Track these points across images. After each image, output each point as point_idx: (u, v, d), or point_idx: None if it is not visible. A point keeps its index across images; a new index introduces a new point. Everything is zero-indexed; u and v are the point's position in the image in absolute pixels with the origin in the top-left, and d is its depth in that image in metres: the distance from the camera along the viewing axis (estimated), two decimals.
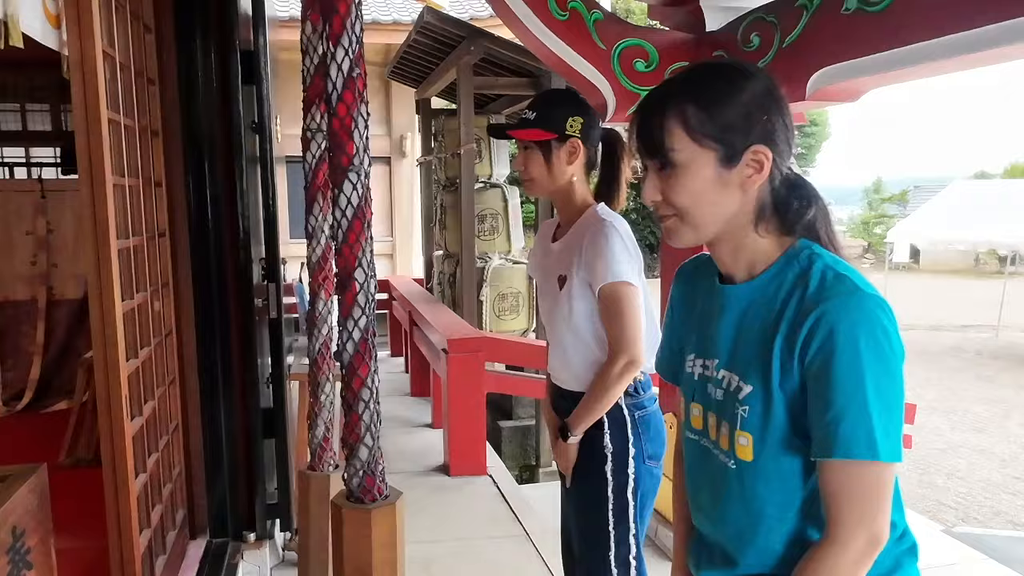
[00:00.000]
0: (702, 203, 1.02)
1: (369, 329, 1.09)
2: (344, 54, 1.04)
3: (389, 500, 1.15)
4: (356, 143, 1.06)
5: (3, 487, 1.29)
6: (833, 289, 0.97)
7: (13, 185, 4.43)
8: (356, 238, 1.07)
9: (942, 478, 6.77)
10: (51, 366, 3.95)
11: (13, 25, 1.38)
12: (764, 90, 1.02)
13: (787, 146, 1.03)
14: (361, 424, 1.11)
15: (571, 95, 1.97)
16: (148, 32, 2.40)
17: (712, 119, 1.00)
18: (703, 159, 1.01)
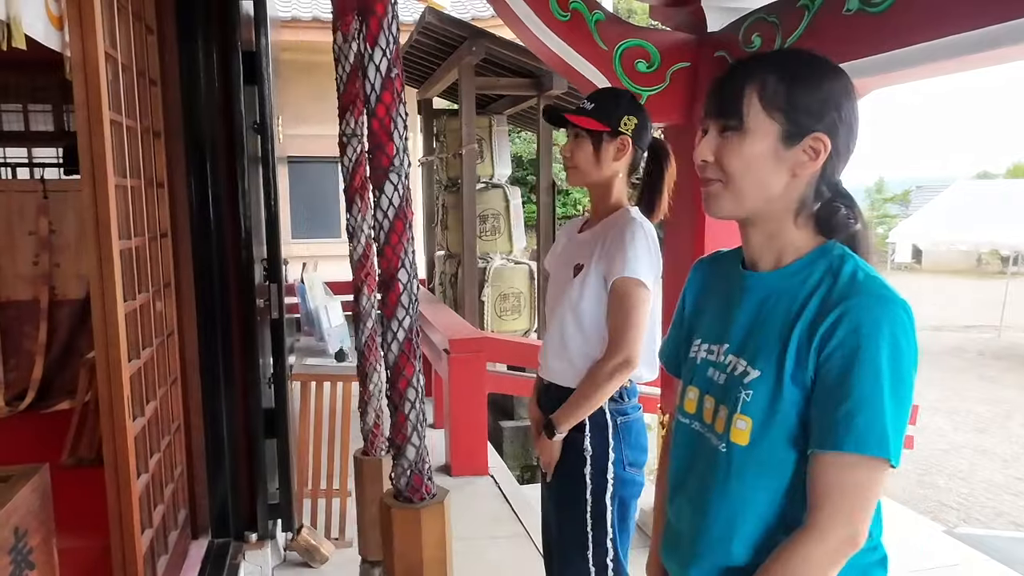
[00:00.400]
0: (752, 173, 1.03)
1: (413, 329, 1.09)
2: (382, 55, 1.03)
3: (437, 499, 1.16)
4: (396, 143, 1.06)
5: (6, 487, 1.29)
6: (863, 288, 0.98)
7: (16, 185, 4.43)
8: (398, 239, 1.07)
9: (944, 479, 6.76)
10: (53, 366, 3.95)
11: (16, 26, 1.38)
12: (844, 87, 1.04)
13: (846, 148, 1.05)
14: (408, 424, 1.11)
15: (629, 95, 1.99)
16: (150, 33, 2.41)
17: (788, 94, 1.01)
18: (766, 129, 1.02)
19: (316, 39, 8.19)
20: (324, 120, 9.38)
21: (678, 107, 2.98)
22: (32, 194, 3.97)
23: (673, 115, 2.99)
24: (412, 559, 1.12)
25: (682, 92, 2.98)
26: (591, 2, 2.90)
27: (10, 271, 3.95)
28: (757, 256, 1.10)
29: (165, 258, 2.51)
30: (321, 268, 5.19)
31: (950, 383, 10.14)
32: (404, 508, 1.12)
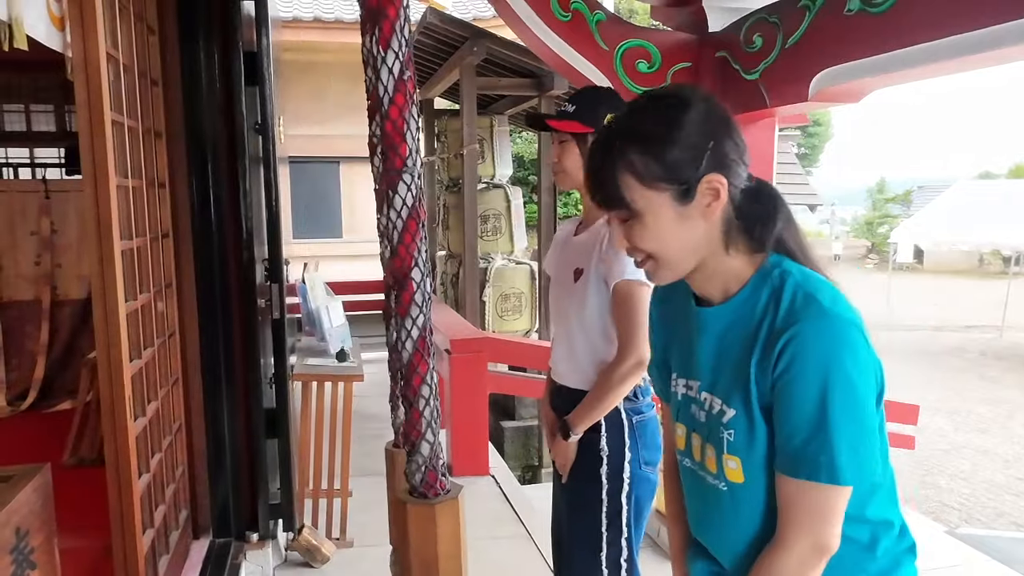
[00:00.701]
0: (669, 243, 1.03)
1: (427, 327, 1.10)
2: (395, 57, 1.04)
3: (451, 495, 1.17)
4: (409, 144, 1.07)
5: (7, 487, 1.29)
6: (803, 312, 0.97)
7: (18, 185, 4.44)
8: (412, 238, 1.08)
9: (945, 479, 6.76)
10: (55, 366, 3.96)
11: (17, 27, 1.38)
12: (705, 116, 1.01)
13: (741, 163, 1.03)
14: (422, 421, 1.12)
15: (610, 92, 1.98)
16: (151, 33, 2.41)
17: (659, 162, 1.00)
18: (659, 201, 1.01)
19: (317, 39, 8.20)
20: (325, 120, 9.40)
21: None
22: (34, 194, 3.98)
23: None
24: (427, 554, 1.13)
25: None
26: (592, 2, 2.90)
27: (12, 271, 3.96)
28: (705, 293, 1.10)
29: (166, 258, 2.52)
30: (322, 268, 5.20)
31: (951, 383, 10.14)
32: (419, 504, 1.14)
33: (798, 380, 0.95)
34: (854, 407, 0.94)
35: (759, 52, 2.69)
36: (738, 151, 1.03)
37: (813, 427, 0.94)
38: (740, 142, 1.04)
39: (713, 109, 1.03)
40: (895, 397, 6.90)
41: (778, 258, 1.05)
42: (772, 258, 1.05)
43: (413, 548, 1.14)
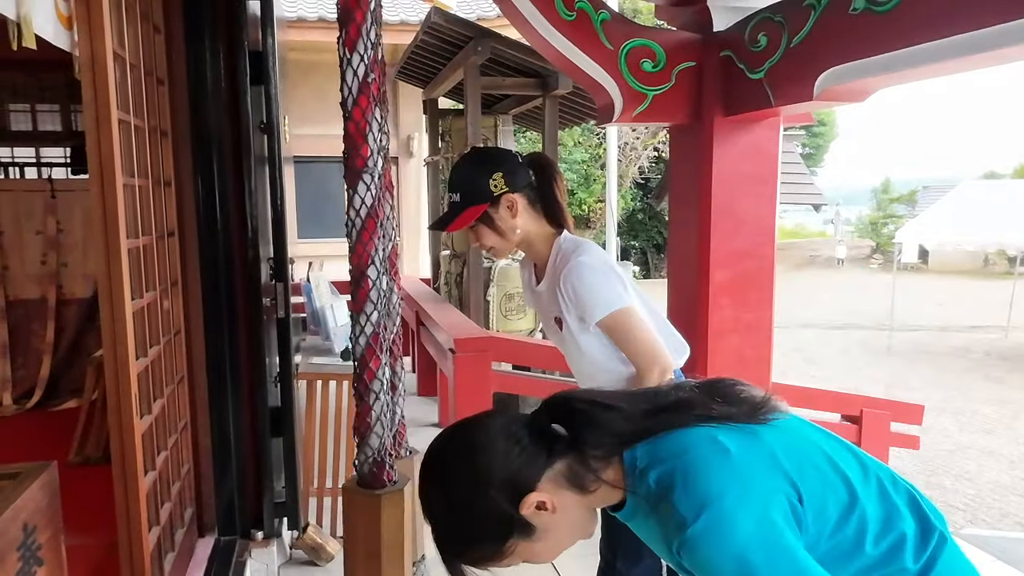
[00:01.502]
0: (553, 551, 1.06)
1: (381, 323, 1.13)
2: (360, 60, 1.06)
3: (398, 486, 1.19)
4: (371, 146, 1.09)
5: (14, 484, 1.30)
6: (673, 524, 0.96)
7: (24, 185, 4.46)
8: (370, 237, 1.11)
9: (950, 479, 6.74)
10: (61, 365, 3.97)
11: (26, 26, 1.39)
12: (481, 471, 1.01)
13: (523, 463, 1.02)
14: (372, 414, 1.15)
15: (480, 155, 1.96)
16: (158, 32, 2.42)
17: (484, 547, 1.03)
18: (513, 555, 1.04)
19: (322, 39, 8.20)
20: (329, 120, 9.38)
21: (684, 107, 2.98)
22: (40, 193, 4.00)
23: (679, 115, 2.99)
24: (372, 543, 1.15)
25: (688, 91, 2.98)
26: (597, 1, 2.90)
27: (18, 270, 3.97)
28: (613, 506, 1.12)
29: (172, 257, 2.53)
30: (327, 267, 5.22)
31: (956, 384, 10.12)
32: (364, 495, 1.16)
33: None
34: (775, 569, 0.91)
35: (764, 51, 2.68)
36: (514, 447, 1.03)
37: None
38: (509, 433, 1.04)
39: (475, 448, 1.04)
40: (900, 397, 6.88)
41: (630, 455, 1.04)
42: (626, 459, 1.04)
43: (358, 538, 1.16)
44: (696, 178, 3.00)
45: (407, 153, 9.39)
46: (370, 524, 1.16)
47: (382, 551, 1.15)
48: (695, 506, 0.94)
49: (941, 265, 24.01)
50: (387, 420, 1.17)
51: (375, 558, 1.15)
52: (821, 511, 0.98)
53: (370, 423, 1.15)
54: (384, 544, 1.16)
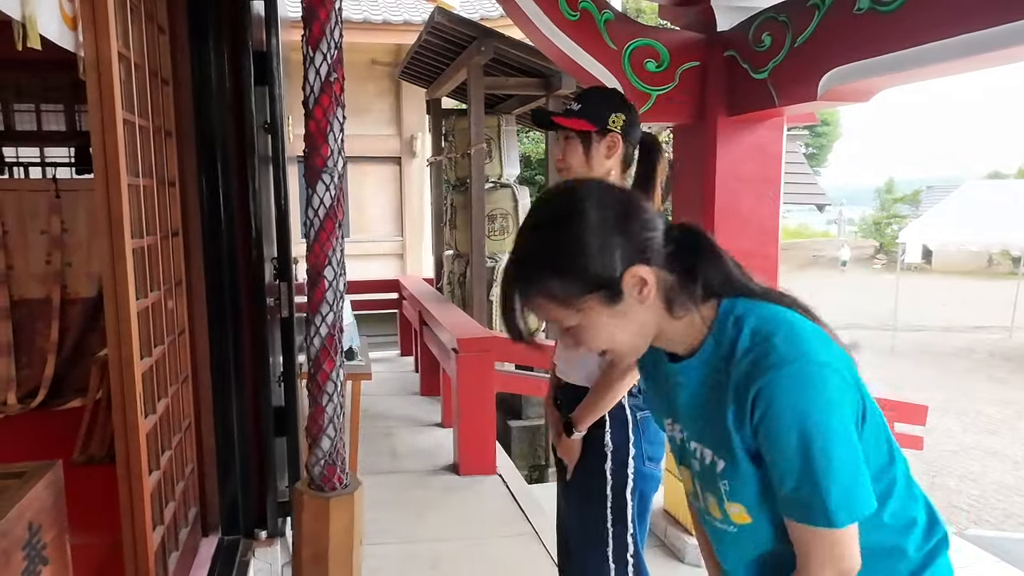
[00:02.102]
0: (616, 338, 1.03)
1: (336, 325, 1.12)
2: (322, 58, 1.06)
3: (348, 490, 1.19)
4: (331, 145, 1.09)
5: (19, 483, 1.30)
6: (763, 363, 0.96)
7: (28, 184, 4.46)
8: (327, 237, 1.11)
9: (954, 480, 6.73)
10: (65, 364, 3.98)
11: (31, 27, 1.39)
12: (602, 215, 0.99)
13: (654, 236, 1.01)
14: (324, 416, 1.15)
15: (616, 93, 2.00)
16: (162, 33, 2.42)
17: (575, 281, 0.98)
18: (590, 311, 1.00)
19: None
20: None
21: (687, 106, 2.99)
22: (44, 193, 4.00)
23: (682, 115, 3.00)
24: (319, 546, 1.16)
25: (691, 91, 2.98)
26: (600, 1, 2.90)
27: (23, 270, 3.98)
28: (672, 351, 1.10)
29: (176, 257, 2.53)
30: None
31: (960, 384, 10.10)
32: (314, 496, 1.16)
33: (774, 433, 0.95)
34: (834, 446, 0.93)
35: (768, 51, 2.69)
36: (647, 225, 1.01)
37: (799, 476, 0.94)
38: (644, 214, 1.02)
39: (606, 201, 1.00)
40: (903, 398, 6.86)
41: (730, 303, 1.03)
42: (724, 305, 1.04)
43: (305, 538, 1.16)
44: (699, 178, 3.00)
45: (410, 153, 9.40)
46: (319, 527, 1.16)
47: (329, 554, 1.15)
48: (798, 350, 0.95)
49: (945, 265, 23.96)
50: (339, 422, 1.17)
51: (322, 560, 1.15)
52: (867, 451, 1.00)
53: (322, 425, 1.16)
54: (331, 547, 1.16)
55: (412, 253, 9.63)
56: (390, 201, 9.54)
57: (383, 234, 9.54)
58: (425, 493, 3.91)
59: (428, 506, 3.73)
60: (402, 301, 6.92)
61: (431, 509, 3.70)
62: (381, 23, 8.05)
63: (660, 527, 3.58)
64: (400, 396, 5.86)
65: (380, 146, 9.14)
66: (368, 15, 8.04)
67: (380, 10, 8.27)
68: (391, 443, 4.69)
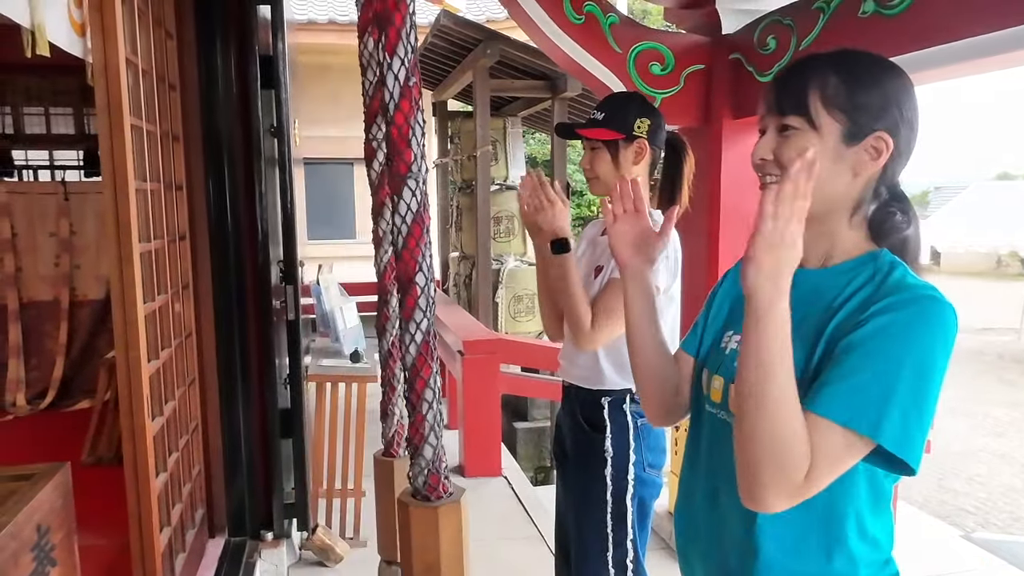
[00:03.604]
0: (808, 165, 1.00)
1: (430, 331, 1.12)
2: (400, 64, 1.06)
3: (453, 498, 1.18)
4: (414, 150, 1.08)
5: (28, 485, 1.31)
6: (910, 287, 0.97)
7: (37, 187, 4.49)
8: (416, 243, 1.10)
9: (962, 483, 6.70)
10: (73, 366, 4.00)
11: (40, 34, 1.41)
12: (905, 87, 1.03)
13: (908, 148, 1.04)
14: (426, 424, 1.13)
15: (640, 98, 1.99)
16: (170, 38, 2.44)
17: (850, 93, 1.01)
18: (828, 128, 1.01)
19: (332, 42, 8.24)
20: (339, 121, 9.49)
21: (692, 109, 2.99)
22: (53, 196, 4.03)
23: (687, 117, 2.99)
24: (430, 557, 1.14)
25: (696, 94, 2.98)
26: (605, 5, 2.91)
27: (32, 272, 4.01)
28: (805, 253, 1.02)
29: (183, 260, 2.55)
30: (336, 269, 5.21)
31: (968, 386, 10.04)
32: (421, 507, 1.15)
33: (887, 337, 0.93)
34: (928, 385, 0.92)
35: (773, 54, 2.69)
36: (912, 135, 1.04)
37: (879, 382, 0.91)
38: (916, 131, 1.05)
39: (912, 90, 1.04)
40: None
41: (888, 254, 1.05)
42: (886, 252, 1.05)
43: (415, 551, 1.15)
44: (705, 180, 3.00)
45: None
46: (428, 538, 1.15)
47: (441, 564, 1.15)
48: (947, 303, 0.96)
49: (953, 267, 23.81)
50: (440, 430, 1.16)
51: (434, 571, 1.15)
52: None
53: (424, 434, 1.14)
54: (443, 558, 1.15)
55: None
56: None
57: None
58: None
59: None
60: None
61: None
62: None
63: (665, 530, 3.58)
64: None
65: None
66: None
67: None
68: None
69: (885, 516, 1.05)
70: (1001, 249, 18.81)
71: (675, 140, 1.97)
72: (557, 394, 2.14)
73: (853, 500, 1.01)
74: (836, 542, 1.02)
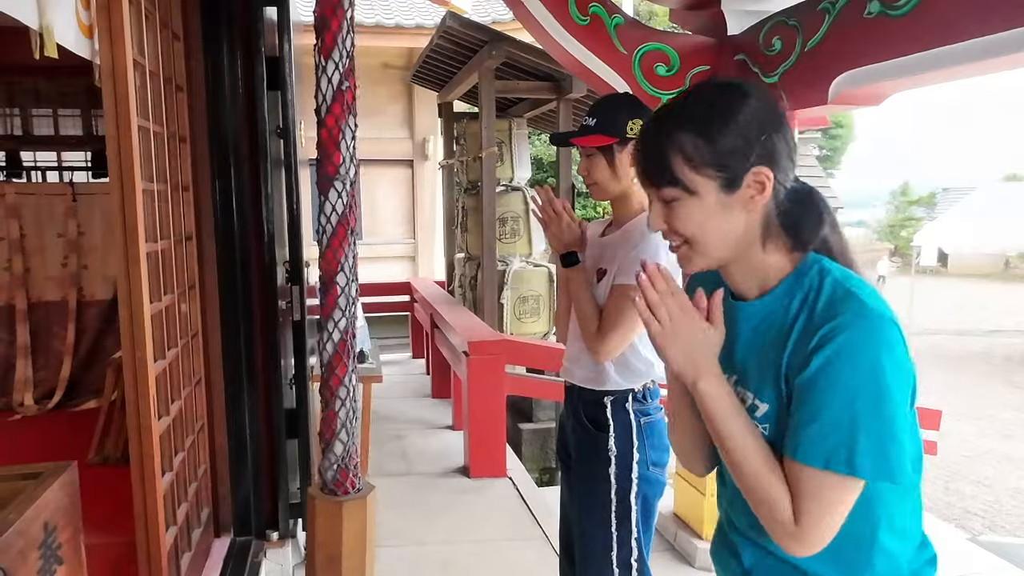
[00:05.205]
0: (708, 230, 1.03)
1: (348, 331, 1.14)
2: (334, 67, 1.08)
3: (361, 494, 1.20)
4: (343, 153, 1.11)
5: (35, 484, 1.32)
6: (842, 306, 0.96)
7: (46, 188, 4.51)
8: (340, 243, 1.12)
9: (969, 485, 6.66)
10: (81, 366, 4.02)
11: (48, 36, 1.42)
12: (761, 109, 1.01)
13: (789, 162, 1.03)
14: (337, 420, 1.16)
15: (629, 98, 1.98)
16: (176, 40, 2.45)
17: (710, 147, 1.00)
18: (705, 188, 1.01)
19: None
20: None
21: None
22: (61, 197, 4.05)
23: None
24: (333, 550, 1.16)
25: None
26: (610, 6, 2.91)
27: (40, 273, 4.03)
28: (741, 288, 1.09)
29: (190, 260, 2.56)
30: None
31: (976, 388, 9.99)
32: (327, 500, 1.16)
33: (832, 371, 0.93)
34: (886, 404, 0.93)
35: (778, 55, 2.68)
36: (788, 148, 1.03)
37: (840, 418, 0.93)
38: (791, 141, 1.04)
39: (770, 103, 1.03)
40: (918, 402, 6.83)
41: (817, 256, 1.05)
42: (811, 256, 1.05)
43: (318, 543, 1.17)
44: None
45: (422, 156, 9.43)
46: (332, 531, 1.17)
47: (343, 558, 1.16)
48: (881, 310, 0.95)
49: (960, 268, 23.72)
50: (352, 427, 1.18)
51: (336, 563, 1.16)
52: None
53: (335, 429, 1.17)
54: (345, 552, 1.17)
55: (424, 256, 9.65)
56: (402, 204, 9.57)
57: (395, 237, 9.58)
58: (435, 496, 3.92)
59: (438, 508, 3.74)
60: (413, 304, 6.94)
61: (441, 511, 3.71)
62: (393, 27, 8.08)
63: (670, 531, 3.57)
64: (411, 399, 5.88)
65: (392, 149, 9.18)
66: (380, 19, 8.08)
67: (392, 14, 8.31)
68: (402, 445, 4.71)
69: (908, 501, 1.05)
70: (1009, 251, 18.72)
71: None
72: (562, 395, 2.14)
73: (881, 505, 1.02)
74: (871, 546, 1.02)
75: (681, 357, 1.02)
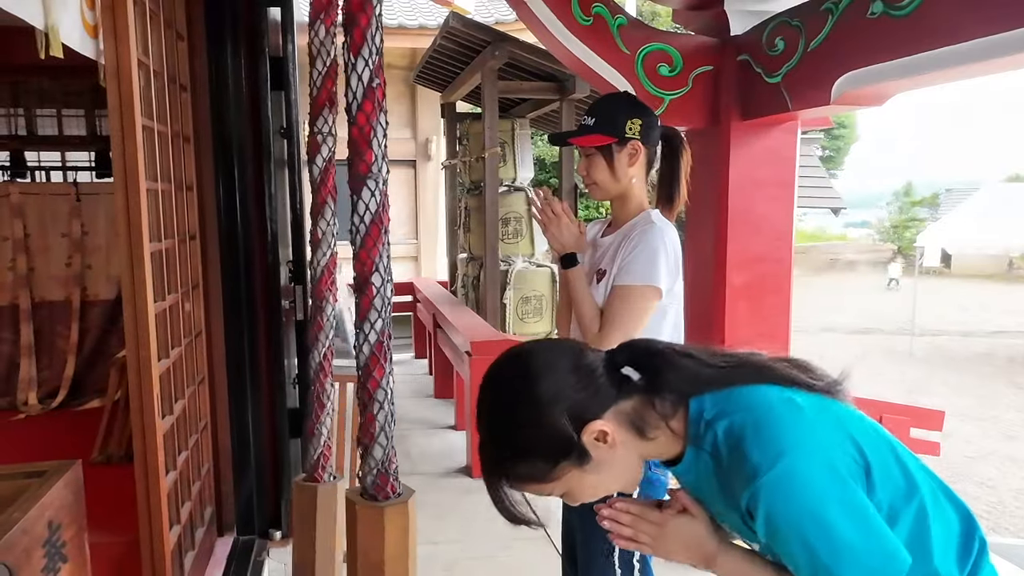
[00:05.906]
0: (602, 487, 1.08)
1: (385, 331, 1.12)
2: (364, 64, 1.06)
3: (402, 498, 1.18)
4: (375, 151, 1.08)
5: (40, 482, 1.33)
6: (742, 475, 0.96)
7: (50, 188, 4.53)
8: (374, 243, 1.10)
9: (972, 486, 6.65)
10: (85, 365, 4.03)
11: (53, 35, 1.42)
12: (539, 386, 1.01)
13: (597, 382, 1.03)
14: (376, 424, 1.14)
15: (628, 98, 1.98)
16: (181, 40, 2.46)
17: (536, 458, 1.03)
18: (567, 478, 1.05)
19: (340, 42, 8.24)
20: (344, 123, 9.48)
21: (700, 111, 2.98)
22: (65, 197, 4.06)
23: (695, 119, 2.99)
24: (374, 556, 1.15)
25: (704, 96, 2.98)
26: (613, 6, 2.91)
27: (44, 272, 4.04)
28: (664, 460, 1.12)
29: (194, 260, 2.56)
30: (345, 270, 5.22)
31: (979, 389, 9.97)
32: (368, 506, 1.15)
33: (779, 536, 0.94)
34: (839, 537, 0.91)
35: (781, 55, 2.68)
36: (589, 375, 1.03)
37: (811, 564, 0.93)
38: (582, 365, 1.04)
39: (549, 365, 1.03)
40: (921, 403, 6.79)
41: (697, 406, 1.03)
42: (692, 410, 1.04)
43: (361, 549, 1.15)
44: (713, 182, 3.00)
45: (425, 156, 9.44)
46: (374, 537, 1.16)
47: (385, 564, 1.15)
48: (770, 455, 0.94)
49: (964, 269, 23.67)
50: (391, 430, 1.16)
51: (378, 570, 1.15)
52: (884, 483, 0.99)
53: (374, 433, 1.14)
54: (388, 557, 1.16)
55: (426, 256, 9.66)
56: (405, 204, 9.58)
57: (398, 237, 9.59)
58: (439, 496, 3.92)
59: (442, 509, 3.75)
60: (416, 304, 6.95)
61: (445, 512, 3.71)
62: (396, 27, 8.09)
63: None
64: (414, 399, 5.88)
65: (395, 149, 9.19)
66: (383, 19, 8.10)
67: (395, 14, 8.32)
68: (405, 445, 4.72)
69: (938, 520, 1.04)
70: (1013, 251, 18.68)
71: (670, 135, 1.95)
72: None
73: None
74: None
75: (683, 554, 1.06)
